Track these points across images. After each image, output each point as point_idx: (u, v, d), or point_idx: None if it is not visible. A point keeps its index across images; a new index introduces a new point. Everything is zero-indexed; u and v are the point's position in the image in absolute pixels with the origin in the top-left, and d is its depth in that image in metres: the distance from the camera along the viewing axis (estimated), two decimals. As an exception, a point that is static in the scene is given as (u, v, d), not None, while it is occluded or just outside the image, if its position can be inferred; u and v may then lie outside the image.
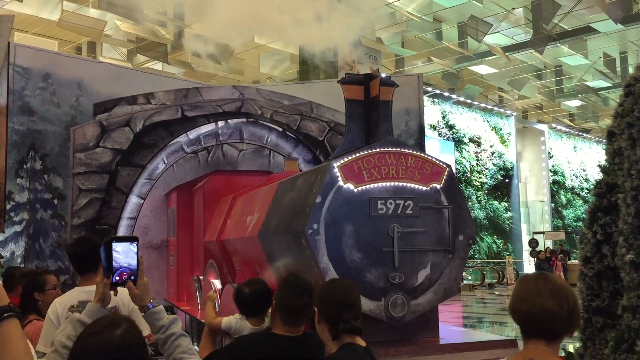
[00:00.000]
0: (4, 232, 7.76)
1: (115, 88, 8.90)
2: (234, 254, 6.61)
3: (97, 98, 8.73)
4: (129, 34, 18.61)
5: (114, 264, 2.11)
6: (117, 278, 2.12)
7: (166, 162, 9.13)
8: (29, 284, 3.87)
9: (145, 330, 3.42)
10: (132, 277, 2.13)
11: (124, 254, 2.13)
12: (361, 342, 2.44)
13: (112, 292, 2.19)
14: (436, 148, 25.07)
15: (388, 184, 4.52)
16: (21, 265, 7.69)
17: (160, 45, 19.47)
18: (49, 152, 8.30)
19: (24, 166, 8.02)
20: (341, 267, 4.32)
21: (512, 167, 30.38)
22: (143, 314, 2.12)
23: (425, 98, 23.56)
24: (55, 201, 8.23)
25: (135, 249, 2.16)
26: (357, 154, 4.49)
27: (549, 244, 28.75)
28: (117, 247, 2.13)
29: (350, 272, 4.34)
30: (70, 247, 3.55)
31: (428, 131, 24.37)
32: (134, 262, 2.15)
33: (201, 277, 7.54)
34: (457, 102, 28.34)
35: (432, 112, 26.64)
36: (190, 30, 18.89)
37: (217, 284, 6.75)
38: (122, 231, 8.68)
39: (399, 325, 4.46)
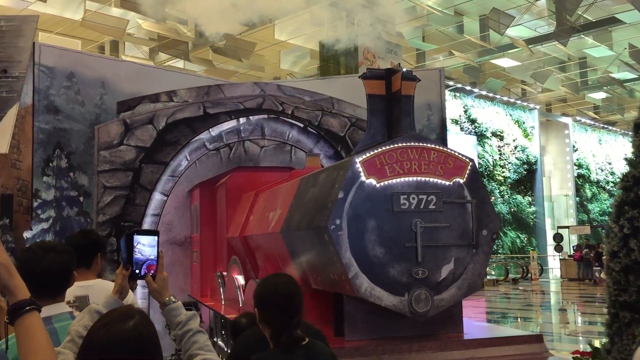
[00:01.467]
0: (31, 230, 7.90)
1: (138, 86, 8.98)
2: (256, 250, 6.65)
3: (120, 96, 8.82)
4: (151, 32, 18.76)
5: (134, 256, 2.10)
6: (146, 271, 2.10)
7: (189, 159, 9.20)
8: None
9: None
10: (152, 272, 2.11)
11: (145, 247, 2.12)
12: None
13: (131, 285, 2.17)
14: (460, 142, 24.87)
15: (410, 178, 4.50)
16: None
17: (181, 43, 19.62)
18: (74, 150, 8.42)
19: (50, 164, 8.14)
20: (364, 262, 4.32)
21: (535, 161, 30.02)
22: (162, 310, 2.10)
23: (446, 92, 23.39)
24: (81, 198, 8.34)
25: (156, 243, 2.14)
26: (379, 149, 4.48)
27: (574, 238, 28.37)
28: (139, 239, 2.11)
29: (373, 268, 4.34)
30: (68, 239, 3.46)
31: (450, 125, 24.20)
32: (154, 256, 2.13)
33: (224, 273, 7.60)
34: (479, 96, 28.08)
35: (453, 107, 26.44)
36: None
37: (240, 279, 6.80)
38: (145, 228, 8.77)
39: (422, 320, 4.45)
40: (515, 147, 29.37)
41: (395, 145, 4.51)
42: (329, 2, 17.28)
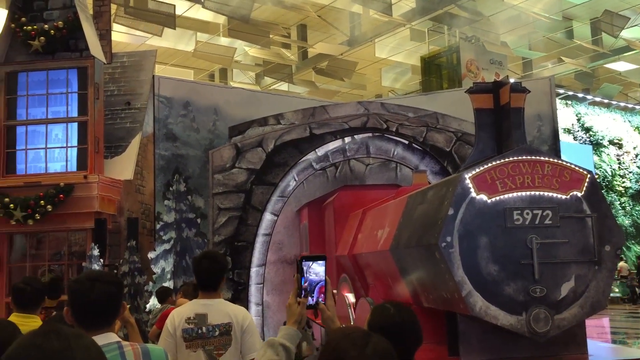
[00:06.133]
0: (154, 250, 8.45)
1: (248, 111, 9.38)
2: (366, 268, 6.68)
3: (231, 122, 9.26)
4: (257, 58, 19.52)
5: (304, 284, 2.04)
6: (317, 298, 2.04)
7: (296, 179, 9.44)
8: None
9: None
10: (321, 298, 2.03)
11: (312, 273, 2.06)
12: None
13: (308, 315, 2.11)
14: (574, 153, 23.65)
15: (524, 193, 4.36)
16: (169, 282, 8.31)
17: (285, 67, 20.25)
18: (191, 174, 8.93)
19: (170, 188, 8.69)
20: (477, 280, 4.23)
21: (660, 169, 27.85)
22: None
23: (557, 100, 22.34)
24: (198, 220, 8.81)
25: (322, 268, 2.06)
26: (490, 164, 4.38)
27: None
28: (306, 266, 2.06)
29: (487, 285, 4.23)
30: (195, 262, 3.57)
31: (562, 135, 23.06)
32: (322, 281, 2.04)
33: (335, 291, 7.68)
34: (593, 103, 26.56)
35: (565, 115, 25.18)
36: (313, 50, 19.47)
37: (350, 297, 6.85)
38: (258, 247, 9.08)
39: (542, 340, 4.26)
40: (636, 155, 27.42)
41: (506, 160, 4.39)
42: (430, 16, 17.18)
